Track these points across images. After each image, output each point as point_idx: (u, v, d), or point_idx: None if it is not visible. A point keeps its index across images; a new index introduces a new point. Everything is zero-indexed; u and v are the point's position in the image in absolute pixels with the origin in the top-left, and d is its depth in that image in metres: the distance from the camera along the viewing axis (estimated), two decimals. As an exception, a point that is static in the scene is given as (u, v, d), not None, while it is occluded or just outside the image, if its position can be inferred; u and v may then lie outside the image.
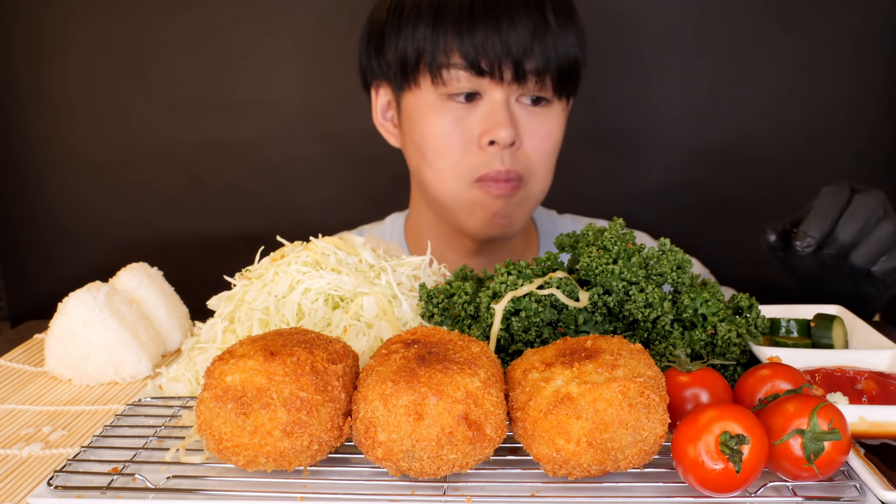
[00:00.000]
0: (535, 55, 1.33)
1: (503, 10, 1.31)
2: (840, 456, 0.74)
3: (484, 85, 1.36)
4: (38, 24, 1.97)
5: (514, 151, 1.39)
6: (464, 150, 1.39)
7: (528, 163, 1.42)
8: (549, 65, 1.35)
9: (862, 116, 1.92)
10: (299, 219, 2.06)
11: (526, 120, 1.39)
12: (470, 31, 1.31)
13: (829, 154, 1.96)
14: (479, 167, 1.39)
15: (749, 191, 1.99)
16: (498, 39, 1.30)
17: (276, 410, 0.76)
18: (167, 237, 2.10)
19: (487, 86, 1.37)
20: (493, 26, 1.30)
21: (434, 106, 1.39)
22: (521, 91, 1.38)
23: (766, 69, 1.91)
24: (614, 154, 2.01)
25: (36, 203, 2.09)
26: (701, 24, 1.91)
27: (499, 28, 1.30)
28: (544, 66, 1.34)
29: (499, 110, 1.36)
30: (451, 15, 1.32)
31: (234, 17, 1.96)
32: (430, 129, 1.40)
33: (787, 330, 1.09)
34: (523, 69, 1.33)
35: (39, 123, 2.03)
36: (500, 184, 1.39)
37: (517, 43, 1.31)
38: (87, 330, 1.16)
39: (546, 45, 1.33)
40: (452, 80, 1.36)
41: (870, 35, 1.87)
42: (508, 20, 1.30)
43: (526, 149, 1.40)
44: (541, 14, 1.33)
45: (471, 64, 1.33)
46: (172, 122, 2.03)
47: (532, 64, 1.34)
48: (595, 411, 0.74)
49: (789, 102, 1.93)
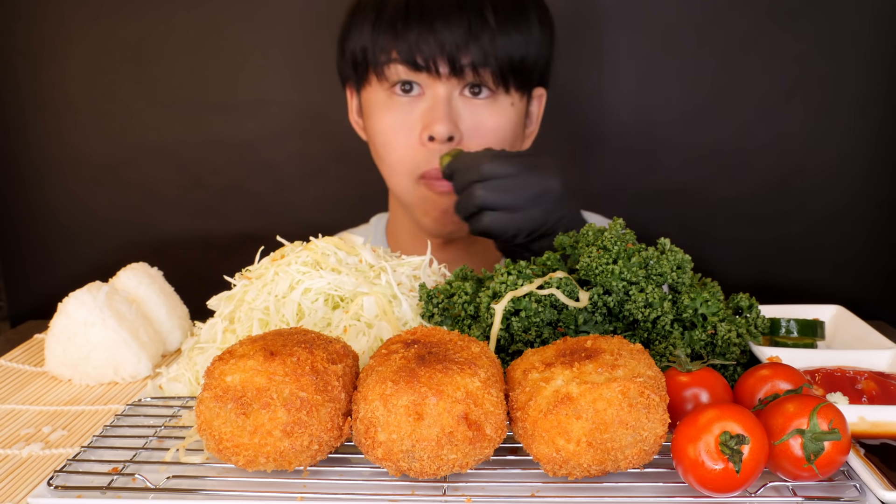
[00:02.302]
0: (469, 51, 1.37)
1: (437, 10, 1.37)
2: (840, 456, 0.74)
3: (423, 80, 1.41)
4: (38, 24, 1.97)
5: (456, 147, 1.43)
6: (408, 145, 1.44)
7: None
8: (486, 60, 1.38)
9: (862, 116, 1.92)
10: (299, 219, 2.06)
11: (469, 115, 1.43)
12: (405, 30, 1.38)
13: (829, 154, 1.96)
14: (422, 164, 1.44)
15: (749, 191, 1.99)
16: (432, 37, 1.36)
17: (276, 410, 0.76)
18: (167, 237, 2.10)
19: (427, 81, 1.41)
20: (428, 25, 1.36)
21: (383, 103, 1.46)
22: (462, 85, 1.41)
23: (767, 69, 1.91)
24: (614, 154, 2.01)
25: (36, 203, 2.09)
26: (701, 24, 1.91)
27: (433, 26, 1.36)
28: (482, 61, 1.38)
29: (438, 106, 1.40)
30: (389, 15, 1.40)
31: (234, 17, 1.96)
32: (379, 125, 1.46)
33: (787, 330, 1.09)
34: (459, 64, 1.38)
35: (39, 123, 2.03)
36: (444, 182, 1.42)
37: (451, 40, 1.36)
38: (87, 330, 1.16)
39: (483, 41, 1.37)
40: (393, 75, 1.42)
41: (870, 35, 1.87)
42: (443, 19, 1.36)
43: (469, 145, 1.43)
44: (478, 13, 1.37)
45: (406, 60, 1.39)
46: (172, 122, 2.03)
47: (468, 59, 1.38)
48: (595, 411, 0.74)
49: (790, 102, 1.93)
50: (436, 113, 1.40)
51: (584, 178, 2.03)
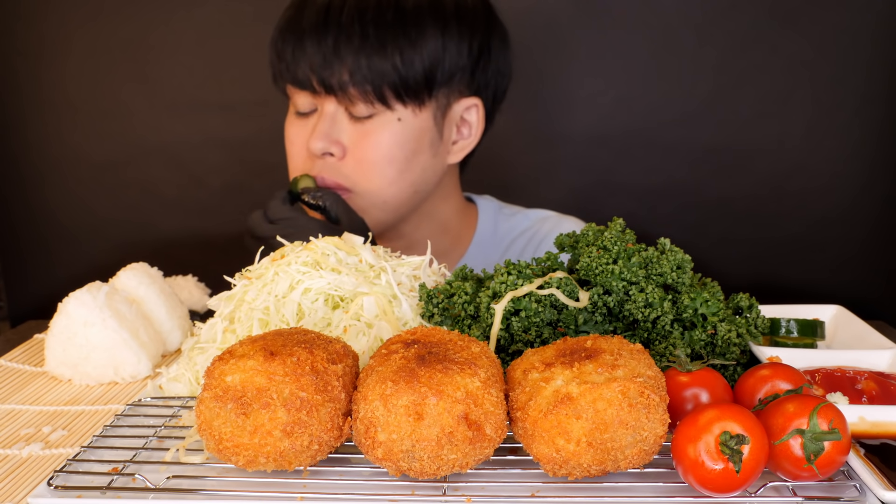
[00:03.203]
0: (337, 69, 1.39)
1: (309, 29, 1.40)
2: (840, 456, 0.74)
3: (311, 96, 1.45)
4: (38, 24, 1.97)
5: (337, 162, 1.46)
6: (301, 158, 1.50)
7: (354, 174, 1.46)
8: (354, 77, 1.39)
9: (862, 116, 1.92)
10: (299, 219, 2.05)
11: (353, 131, 1.45)
12: (283, 49, 1.44)
13: (829, 154, 1.96)
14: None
15: (749, 191, 1.99)
16: (302, 56, 1.41)
17: (276, 410, 0.76)
18: (167, 237, 2.10)
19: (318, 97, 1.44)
20: (300, 43, 1.41)
21: (290, 116, 1.54)
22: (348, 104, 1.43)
23: (767, 69, 1.91)
24: (614, 154, 2.01)
25: (36, 203, 2.09)
26: (702, 24, 1.91)
27: (303, 45, 1.41)
28: (350, 78, 1.40)
29: (320, 122, 1.45)
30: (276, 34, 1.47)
31: (234, 17, 1.96)
32: (285, 136, 1.55)
33: (787, 330, 1.09)
34: (328, 83, 1.41)
35: (39, 123, 2.03)
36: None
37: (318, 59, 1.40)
38: (87, 330, 1.16)
39: (349, 59, 1.39)
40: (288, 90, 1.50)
41: (870, 35, 1.87)
42: (313, 37, 1.40)
43: (350, 160, 1.46)
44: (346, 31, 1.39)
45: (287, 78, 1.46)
46: (172, 122, 2.03)
47: (337, 77, 1.40)
48: (595, 411, 0.74)
49: (789, 102, 1.93)
50: (316, 129, 1.44)
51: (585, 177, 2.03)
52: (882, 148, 1.94)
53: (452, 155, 1.55)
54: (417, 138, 1.46)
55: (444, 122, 1.50)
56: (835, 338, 1.14)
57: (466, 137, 1.54)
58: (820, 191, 1.98)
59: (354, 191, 1.48)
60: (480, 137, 1.56)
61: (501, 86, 1.57)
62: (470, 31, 1.46)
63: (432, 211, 1.60)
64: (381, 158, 1.45)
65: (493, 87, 1.54)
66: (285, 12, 1.46)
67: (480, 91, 1.52)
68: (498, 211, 1.72)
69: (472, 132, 1.54)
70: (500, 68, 1.54)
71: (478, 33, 1.47)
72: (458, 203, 1.66)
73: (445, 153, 1.53)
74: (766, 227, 2.01)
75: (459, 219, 1.67)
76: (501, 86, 1.57)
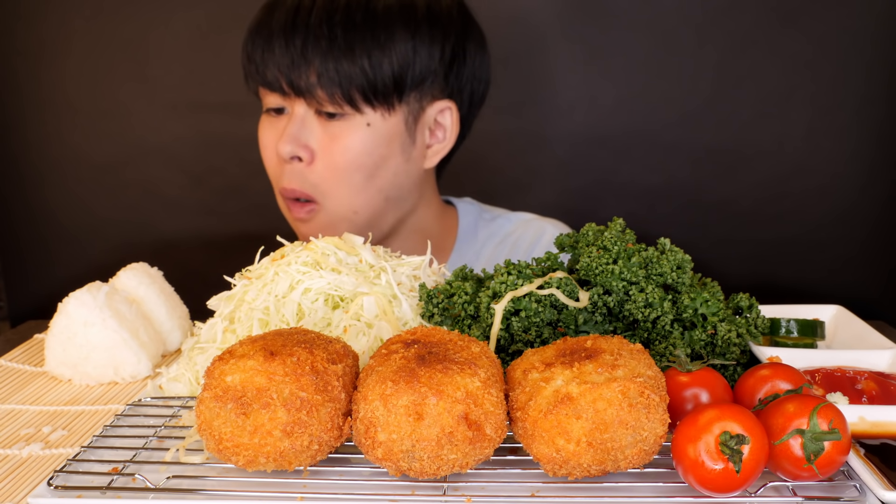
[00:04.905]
0: (305, 72, 1.38)
1: (278, 31, 1.39)
2: (840, 456, 0.74)
3: (281, 98, 1.44)
4: (38, 24, 1.97)
5: (305, 168, 1.44)
6: (273, 161, 1.49)
7: (322, 182, 1.45)
8: (321, 80, 1.38)
9: (862, 116, 1.92)
10: (299, 219, 2.05)
11: (322, 135, 1.43)
12: (253, 51, 1.43)
13: (830, 154, 1.96)
14: (281, 179, 1.49)
15: (749, 191, 1.99)
16: (271, 58, 1.40)
17: (276, 410, 0.76)
18: (167, 237, 2.10)
19: (289, 100, 1.43)
20: (269, 45, 1.40)
21: (263, 118, 1.52)
22: (317, 105, 1.42)
23: (767, 69, 1.91)
24: (614, 154, 2.01)
25: (36, 203, 2.09)
26: (702, 24, 1.91)
27: (272, 47, 1.39)
28: (317, 81, 1.38)
29: (290, 124, 1.43)
30: (247, 37, 1.45)
31: (234, 17, 1.96)
32: (259, 139, 1.52)
33: (787, 330, 1.09)
34: (297, 85, 1.39)
35: (39, 123, 2.03)
36: (295, 206, 1.49)
37: (286, 61, 1.39)
38: (87, 330, 1.16)
39: (317, 61, 1.38)
40: (260, 93, 1.49)
41: (870, 35, 1.87)
42: (281, 39, 1.38)
43: (318, 166, 1.44)
44: (314, 33, 1.38)
45: (257, 80, 1.45)
46: (172, 122, 2.03)
47: (305, 79, 1.39)
48: (595, 411, 0.74)
49: (790, 102, 1.93)
50: (285, 132, 1.43)
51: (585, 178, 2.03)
52: (882, 148, 1.94)
53: (428, 159, 1.52)
54: (387, 143, 1.44)
55: (417, 127, 1.47)
56: (835, 338, 1.14)
57: (441, 141, 1.51)
58: (820, 191, 1.98)
59: (321, 203, 1.46)
60: (456, 141, 1.53)
61: (478, 90, 1.54)
62: (442, 34, 1.43)
63: (416, 221, 1.59)
64: (349, 164, 1.42)
65: (469, 92, 1.52)
66: (257, 14, 1.45)
67: (454, 95, 1.49)
68: (478, 215, 1.70)
69: (446, 135, 1.51)
70: (475, 72, 1.51)
71: (451, 36, 1.44)
72: (437, 208, 1.64)
73: (420, 158, 1.50)
74: (767, 228, 2.02)
75: (440, 224, 1.65)
76: (478, 90, 1.54)
